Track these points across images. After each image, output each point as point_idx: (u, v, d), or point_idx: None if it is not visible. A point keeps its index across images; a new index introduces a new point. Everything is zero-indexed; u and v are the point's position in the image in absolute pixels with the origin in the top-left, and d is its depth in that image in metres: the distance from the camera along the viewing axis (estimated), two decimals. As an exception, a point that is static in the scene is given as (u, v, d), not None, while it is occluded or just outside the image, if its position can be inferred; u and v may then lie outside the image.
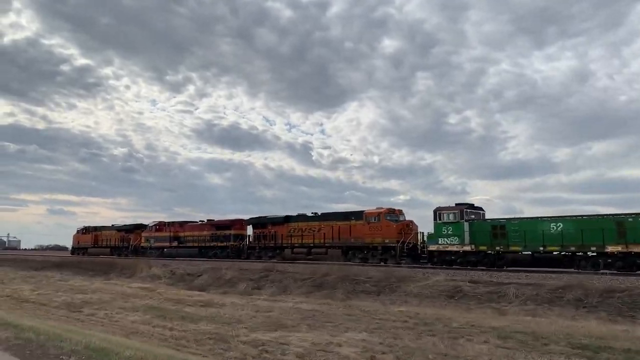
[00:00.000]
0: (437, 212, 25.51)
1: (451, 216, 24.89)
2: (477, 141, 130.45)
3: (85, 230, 55.45)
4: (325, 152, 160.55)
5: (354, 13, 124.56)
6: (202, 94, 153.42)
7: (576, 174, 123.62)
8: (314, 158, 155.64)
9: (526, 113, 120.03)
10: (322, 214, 32.49)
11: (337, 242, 30.01)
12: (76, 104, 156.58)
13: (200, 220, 42.56)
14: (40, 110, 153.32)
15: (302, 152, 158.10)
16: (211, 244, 38.90)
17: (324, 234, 30.83)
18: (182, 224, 43.28)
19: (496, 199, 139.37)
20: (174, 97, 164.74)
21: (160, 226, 44.95)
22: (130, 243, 47.34)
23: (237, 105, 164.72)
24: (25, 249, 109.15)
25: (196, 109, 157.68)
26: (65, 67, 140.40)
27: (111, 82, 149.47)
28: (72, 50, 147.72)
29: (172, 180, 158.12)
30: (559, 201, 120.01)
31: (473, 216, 24.95)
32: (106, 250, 50.67)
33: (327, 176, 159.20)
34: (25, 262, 36.59)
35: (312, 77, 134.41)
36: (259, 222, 36.20)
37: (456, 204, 25.45)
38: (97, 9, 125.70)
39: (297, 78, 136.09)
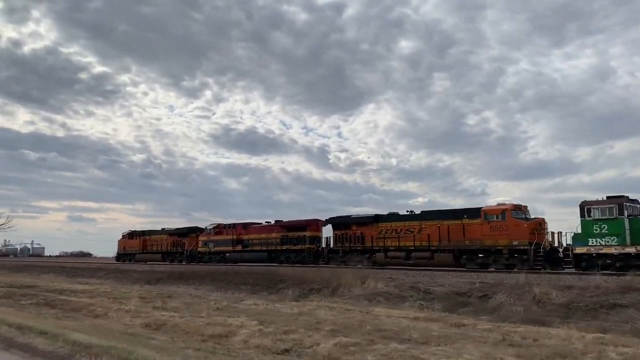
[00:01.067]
0: (585, 207, 21.44)
1: (606, 211, 20.81)
2: (496, 142, 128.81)
3: (132, 234, 52.37)
4: (342, 155, 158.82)
5: (370, 14, 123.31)
6: (218, 99, 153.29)
7: (597, 173, 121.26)
8: (331, 161, 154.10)
9: (546, 113, 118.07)
10: (422, 212, 28.57)
11: (446, 245, 26.09)
12: (94, 111, 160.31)
13: (266, 222, 38.94)
14: (59, 118, 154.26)
15: (319, 155, 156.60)
16: (283, 247, 35.26)
17: (428, 235, 26.91)
18: (245, 226, 39.71)
19: (516, 201, 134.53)
20: (191, 102, 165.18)
21: (219, 229, 41.47)
22: (185, 248, 43.99)
23: (253, 109, 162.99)
24: (50, 256, 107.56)
25: (213, 114, 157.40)
26: (83, 75, 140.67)
27: (129, 89, 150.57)
28: (90, 58, 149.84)
29: (190, 186, 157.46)
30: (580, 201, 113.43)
31: (633, 210, 20.86)
32: (156, 256, 47.43)
33: (344, 179, 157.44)
34: (126, 274, 31.15)
35: (328, 79, 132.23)
36: (341, 223, 32.43)
37: (608, 197, 21.34)
38: (114, 17, 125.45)
39: (313, 81, 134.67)
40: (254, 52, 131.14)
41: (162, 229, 49.89)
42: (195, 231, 45.35)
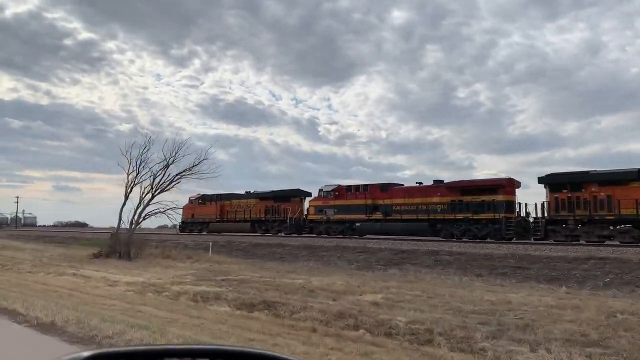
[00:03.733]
0: None
1: None
2: (486, 115, 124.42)
3: (204, 199, 42.74)
4: (332, 128, 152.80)
5: None
6: (207, 69, 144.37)
7: (583, 148, 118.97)
8: (320, 134, 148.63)
9: (536, 86, 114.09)
10: None
11: None
12: (80, 79, 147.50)
13: (417, 182, 29.15)
14: (43, 85, 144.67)
15: (309, 127, 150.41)
16: (457, 216, 25.57)
17: None
18: (383, 188, 29.90)
19: (501, 174, 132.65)
20: (179, 71, 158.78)
21: (341, 191, 31.73)
22: (288, 216, 34.40)
23: (243, 79, 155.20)
24: (44, 226, 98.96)
25: (201, 84, 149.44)
26: (68, 41, 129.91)
27: (115, 56, 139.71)
28: (75, 24, 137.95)
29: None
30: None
31: None
32: (242, 225, 37.93)
33: (334, 152, 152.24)
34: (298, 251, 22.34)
35: (319, 49, 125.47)
36: (568, 181, 22.57)
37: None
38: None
39: (304, 50, 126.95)
40: (245, 20, 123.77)
41: (247, 192, 40.23)
42: (298, 194, 35.72)
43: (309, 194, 36.13)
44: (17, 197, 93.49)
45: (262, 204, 37.00)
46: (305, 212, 34.87)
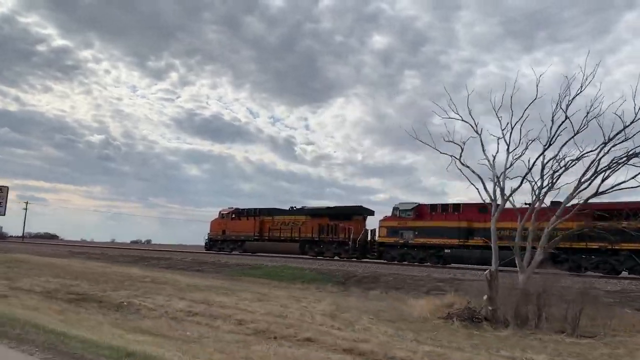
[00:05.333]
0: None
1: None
2: (460, 143, 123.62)
3: (239, 213, 37.66)
4: (309, 148, 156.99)
5: (347, 6, 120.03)
6: (184, 82, 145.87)
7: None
8: (296, 153, 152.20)
9: (509, 117, 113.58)
10: None
11: None
12: (52, 87, 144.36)
13: (525, 203, 24.68)
14: (13, 91, 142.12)
15: (285, 146, 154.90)
16: (590, 245, 21.20)
17: None
18: (482, 208, 25.42)
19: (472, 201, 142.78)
20: (155, 84, 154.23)
21: (422, 211, 27.19)
22: (351, 236, 29.58)
23: (220, 95, 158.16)
24: (11, 236, 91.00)
25: (177, 97, 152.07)
26: (41, 48, 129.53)
27: (90, 65, 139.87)
28: (50, 30, 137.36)
29: (149, 170, 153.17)
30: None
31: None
32: (288, 246, 32.93)
33: (309, 172, 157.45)
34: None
35: (299, 69, 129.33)
36: None
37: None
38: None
39: (283, 70, 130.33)
40: (225, 36, 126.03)
41: (292, 207, 35.36)
42: (360, 212, 31.07)
43: (372, 212, 31.61)
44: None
45: (315, 221, 32.14)
46: (369, 235, 30.23)
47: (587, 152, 13.11)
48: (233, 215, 37.82)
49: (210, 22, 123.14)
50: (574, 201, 14.98)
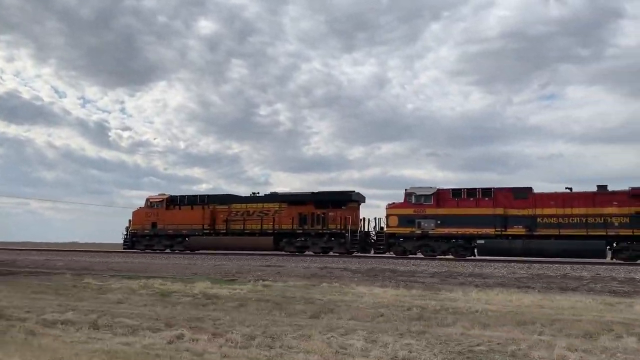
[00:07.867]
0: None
1: None
2: (284, 134, 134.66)
3: (176, 201, 29.39)
4: (125, 134, 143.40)
5: None
6: None
7: (366, 170, 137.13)
8: (110, 139, 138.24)
9: (331, 111, 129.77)
10: None
11: None
12: None
13: (567, 188, 21.87)
14: None
15: (97, 131, 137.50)
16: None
17: None
18: (519, 193, 22.06)
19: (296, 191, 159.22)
20: None
21: (443, 196, 23.01)
22: (349, 227, 24.14)
23: (18, 70, 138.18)
24: None
25: None
26: None
27: None
28: None
29: None
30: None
31: None
32: (256, 240, 26.24)
33: (124, 160, 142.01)
34: None
35: (116, 46, 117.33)
36: None
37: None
38: None
39: (98, 46, 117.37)
40: (29, 3, 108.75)
41: (254, 193, 28.42)
42: (356, 198, 25.75)
43: (364, 199, 26.58)
44: None
45: (294, 209, 25.93)
46: (366, 224, 25.25)
47: None
48: (167, 204, 29.44)
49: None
50: None
